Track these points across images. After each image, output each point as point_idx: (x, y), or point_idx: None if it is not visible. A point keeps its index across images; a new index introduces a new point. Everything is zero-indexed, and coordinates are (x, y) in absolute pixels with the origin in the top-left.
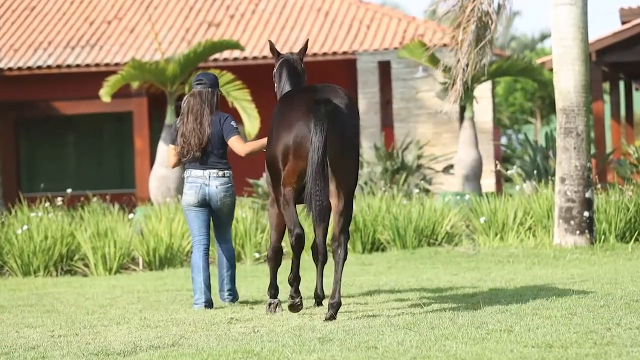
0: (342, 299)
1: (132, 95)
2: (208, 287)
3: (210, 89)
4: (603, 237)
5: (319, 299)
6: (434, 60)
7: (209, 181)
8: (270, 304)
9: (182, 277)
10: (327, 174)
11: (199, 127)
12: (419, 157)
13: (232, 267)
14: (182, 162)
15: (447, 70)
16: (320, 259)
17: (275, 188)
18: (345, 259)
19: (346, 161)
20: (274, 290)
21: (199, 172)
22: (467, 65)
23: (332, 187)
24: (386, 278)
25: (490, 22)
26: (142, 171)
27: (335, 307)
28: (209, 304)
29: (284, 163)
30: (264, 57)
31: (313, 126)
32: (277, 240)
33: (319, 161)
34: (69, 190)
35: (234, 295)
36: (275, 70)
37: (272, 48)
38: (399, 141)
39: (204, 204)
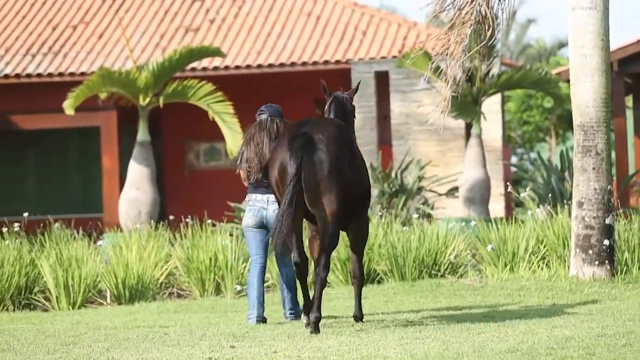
0: (334, 337)
1: (100, 108)
2: (261, 303)
3: (269, 118)
4: (625, 268)
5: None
6: (436, 71)
7: (267, 205)
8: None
9: (154, 311)
10: (296, 203)
11: (260, 153)
12: (420, 178)
13: (291, 290)
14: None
15: (448, 81)
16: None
17: None
18: (322, 280)
19: (324, 191)
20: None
21: (259, 197)
22: (466, 75)
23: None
24: (383, 313)
25: (487, 27)
26: (110, 193)
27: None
28: (261, 319)
29: (279, 192)
30: (248, 67)
31: (288, 158)
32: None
33: (290, 192)
34: (25, 215)
35: (295, 314)
36: (325, 107)
37: (325, 88)
38: (397, 161)
39: (262, 225)
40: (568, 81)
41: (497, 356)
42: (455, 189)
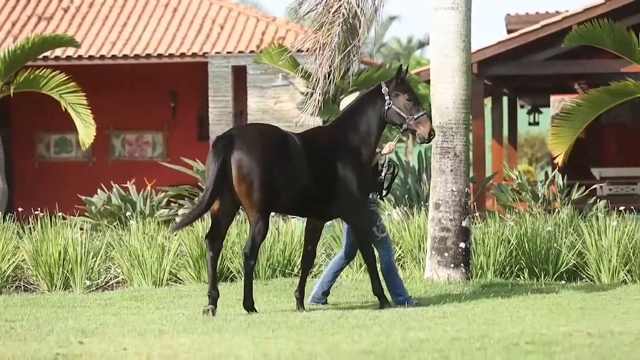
0: (185, 335)
1: None
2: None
3: None
4: (480, 271)
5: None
6: (295, 67)
7: None
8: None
9: (0, 305)
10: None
11: None
12: None
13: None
14: None
15: (308, 78)
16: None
17: None
18: (247, 272)
19: (243, 188)
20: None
21: None
22: (329, 74)
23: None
24: (235, 312)
25: (358, 25)
26: None
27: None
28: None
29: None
30: (102, 57)
31: (210, 157)
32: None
33: (209, 188)
34: None
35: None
36: None
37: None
38: None
39: None
40: (427, 81)
41: (350, 357)
42: None
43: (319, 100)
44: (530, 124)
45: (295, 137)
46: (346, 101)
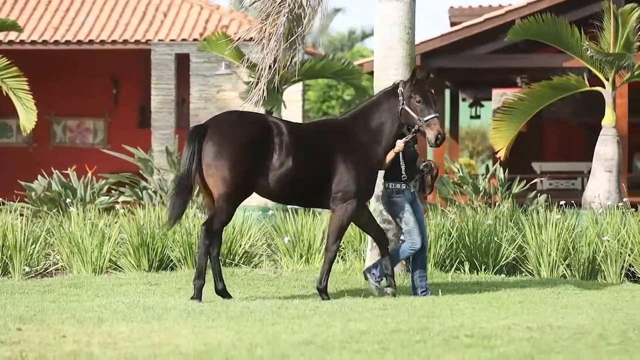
0: (125, 323)
1: None
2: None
3: None
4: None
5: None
6: (239, 56)
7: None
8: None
9: None
10: (190, 185)
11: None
12: None
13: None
14: None
15: (252, 67)
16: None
17: None
18: (202, 251)
19: (209, 176)
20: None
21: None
22: (274, 63)
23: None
24: (175, 300)
25: (303, 15)
26: None
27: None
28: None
29: None
30: (44, 42)
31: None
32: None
33: (183, 173)
34: None
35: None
36: None
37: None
38: None
39: None
40: (371, 73)
41: (290, 348)
42: None
43: (263, 90)
44: (472, 117)
45: (284, 127)
46: (290, 91)
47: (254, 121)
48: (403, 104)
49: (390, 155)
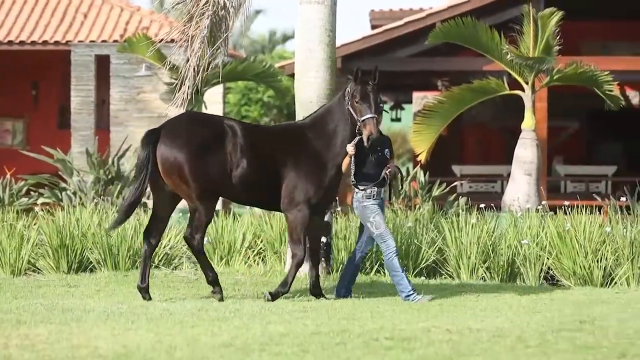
0: (43, 325)
1: None
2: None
3: None
4: (341, 266)
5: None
6: (160, 58)
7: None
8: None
9: None
10: (144, 190)
11: None
12: None
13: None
14: None
15: (174, 69)
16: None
17: None
18: (197, 250)
19: (171, 181)
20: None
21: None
22: (197, 66)
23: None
24: (94, 302)
25: (227, 17)
26: None
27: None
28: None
29: None
30: None
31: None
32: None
33: (139, 178)
34: None
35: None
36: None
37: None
38: (115, 147)
39: None
40: (292, 75)
41: (210, 350)
42: None
43: (187, 93)
44: (392, 120)
45: (240, 129)
46: (211, 93)
47: (208, 123)
48: (348, 104)
49: (346, 160)
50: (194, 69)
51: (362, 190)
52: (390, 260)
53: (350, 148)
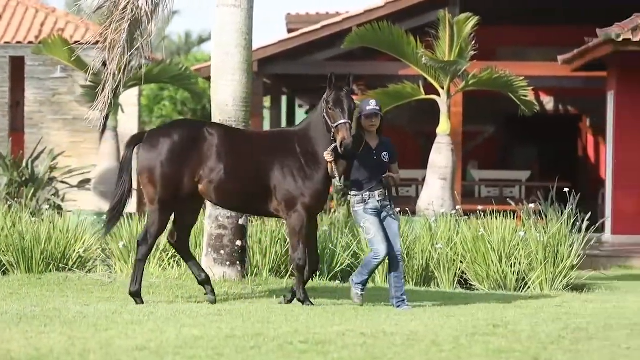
0: None
1: None
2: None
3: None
4: (256, 269)
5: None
6: (78, 62)
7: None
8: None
9: None
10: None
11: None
12: (52, 168)
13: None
14: None
15: (92, 71)
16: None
17: None
18: (138, 258)
19: (141, 182)
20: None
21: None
22: (118, 71)
23: None
24: (7, 305)
25: (147, 20)
26: None
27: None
28: None
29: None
30: None
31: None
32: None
33: (120, 178)
34: None
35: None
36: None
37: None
38: (29, 149)
39: None
40: (208, 78)
41: (124, 354)
42: (87, 181)
43: (109, 97)
44: None
45: (221, 137)
46: (126, 95)
47: (189, 131)
48: (324, 110)
49: (329, 166)
50: (114, 73)
51: (353, 195)
52: (370, 261)
53: (327, 155)
